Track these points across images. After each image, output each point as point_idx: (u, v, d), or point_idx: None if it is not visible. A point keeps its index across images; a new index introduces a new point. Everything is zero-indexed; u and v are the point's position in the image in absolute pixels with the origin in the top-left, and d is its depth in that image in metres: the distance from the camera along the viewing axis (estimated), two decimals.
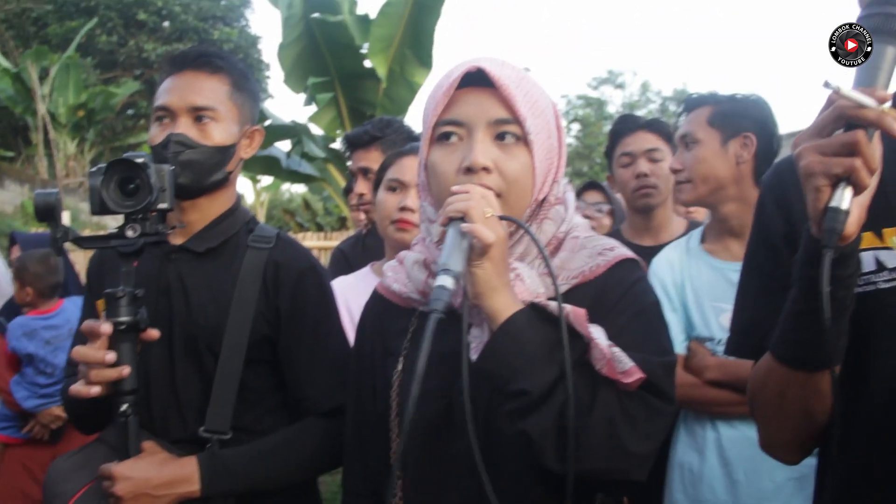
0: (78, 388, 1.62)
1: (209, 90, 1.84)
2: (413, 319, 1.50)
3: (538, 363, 1.25)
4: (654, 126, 2.98)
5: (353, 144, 3.01)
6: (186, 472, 1.70)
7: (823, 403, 1.19)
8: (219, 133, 1.83)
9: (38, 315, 4.21)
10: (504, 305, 1.27)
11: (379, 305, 1.58)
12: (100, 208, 1.62)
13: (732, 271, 2.28)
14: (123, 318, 1.62)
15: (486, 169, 1.33)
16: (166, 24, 21.55)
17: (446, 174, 1.37)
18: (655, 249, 2.85)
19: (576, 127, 30.37)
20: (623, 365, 1.26)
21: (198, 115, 1.82)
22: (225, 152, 1.85)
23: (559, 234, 1.44)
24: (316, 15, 9.77)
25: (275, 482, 1.80)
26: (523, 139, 1.36)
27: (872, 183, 1.02)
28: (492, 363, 1.27)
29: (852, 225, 1.02)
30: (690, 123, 2.42)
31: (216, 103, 1.83)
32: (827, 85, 1.01)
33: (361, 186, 2.97)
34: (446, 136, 1.38)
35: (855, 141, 0.99)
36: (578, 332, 1.28)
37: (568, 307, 1.28)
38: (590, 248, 1.45)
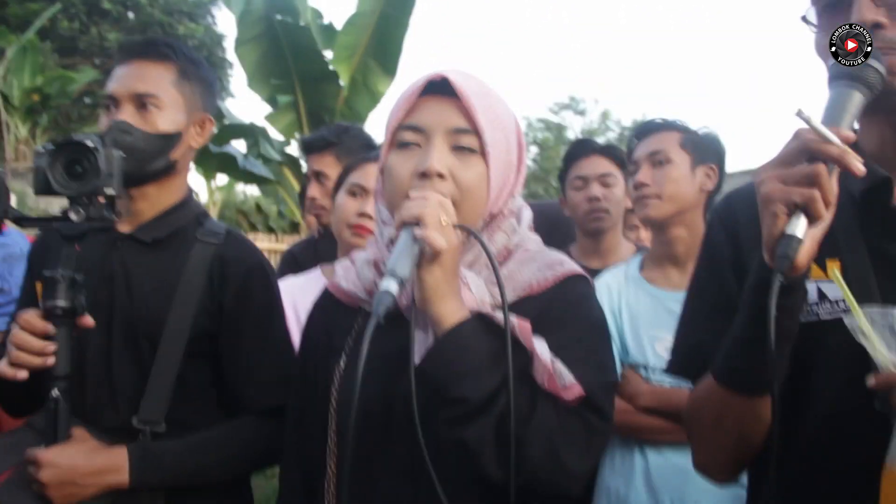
0: (3, 368, 1.59)
1: (153, 77, 1.83)
2: (359, 318, 1.50)
3: (480, 372, 1.25)
4: (609, 151, 3.01)
5: (309, 148, 3.01)
6: (116, 461, 1.68)
7: (760, 427, 1.22)
8: (162, 120, 1.82)
9: None
10: (450, 312, 1.28)
11: (327, 303, 1.58)
12: (44, 188, 1.59)
13: (671, 300, 2.33)
14: (61, 303, 1.60)
15: (440, 175, 1.34)
16: (131, 14, 21.25)
17: (401, 178, 1.38)
18: (603, 272, 2.90)
19: (534, 150, 30.64)
20: (564, 380, 1.28)
21: (141, 101, 1.81)
22: (168, 140, 1.83)
23: (510, 245, 1.45)
24: (279, 17, 9.71)
25: (206, 477, 1.78)
26: (480, 151, 1.37)
27: (826, 218, 1.06)
28: (434, 368, 1.28)
29: (804, 256, 1.05)
30: (662, 142, 2.44)
31: (159, 91, 1.82)
32: (800, 114, 1.05)
33: (314, 190, 2.96)
34: (405, 141, 1.39)
35: (817, 173, 1.02)
36: (522, 344, 1.29)
37: (514, 319, 1.29)
38: (539, 261, 1.46)
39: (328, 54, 10.53)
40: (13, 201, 1.79)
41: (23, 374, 1.58)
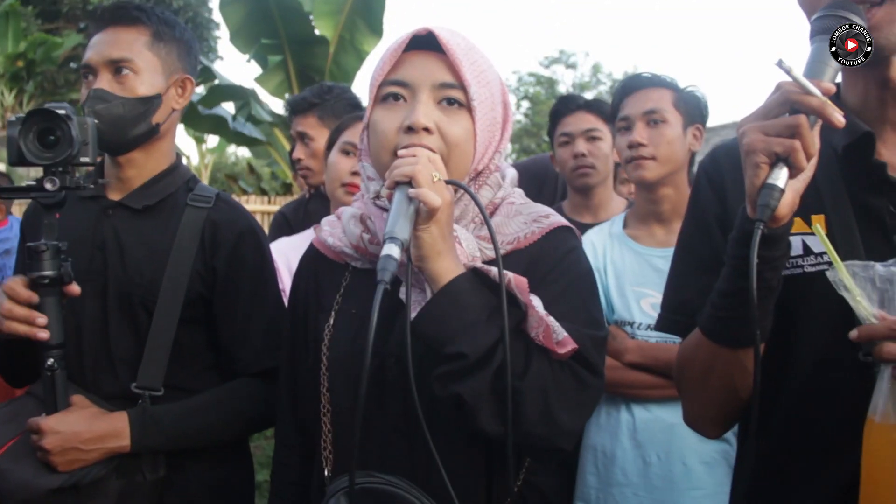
0: None
1: (125, 42, 1.82)
2: (346, 274, 1.51)
3: (477, 327, 1.25)
4: (594, 106, 3.00)
5: (293, 110, 3.01)
6: (117, 426, 1.70)
7: (748, 380, 1.22)
8: (139, 84, 1.81)
9: None
10: (447, 269, 1.28)
11: (314, 259, 1.59)
12: (17, 159, 1.58)
13: (655, 256, 2.35)
14: (47, 273, 1.61)
15: (427, 129, 1.34)
16: None
17: (386, 133, 1.37)
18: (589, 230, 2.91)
19: (525, 104, 30.46)
20: (558, 335, 1.28)
21: (116, 67, 1.80)
22: (147, 103, 1.82)
23: (495, 199, 1.46)
24: None
25: (206, 439, 1.81)
26: (466, 106, 1.37)
27: (808, 170, 1.08)
28: (430, 325, 1.27)
29: (785, 206, 1.07)
30: (658, 101, 2.42)
31: (132, 54, 1.81)
32: (780, 64, 1.06)
33: (299, 151, 2.97)
34: (391, 96, 1.39)
35: (797, 124, 1.04)
36: (517, 299, 1.30)
37: (510, 274, 1.29)
38: (525, 214, 1.46)
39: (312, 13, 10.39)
40: (2, 168, 1.79)
41: None
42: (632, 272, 2.40)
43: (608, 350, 2.30)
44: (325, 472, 1.45)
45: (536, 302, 1.30)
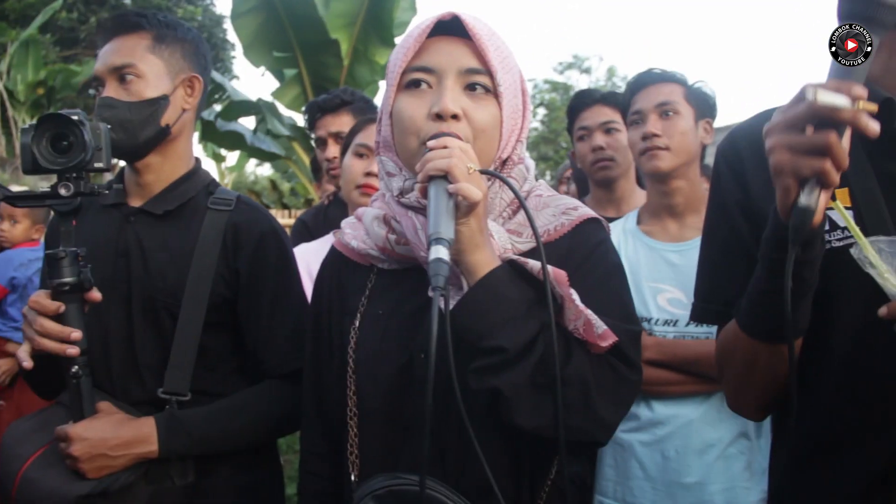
0: (24, 362, 1.61)
1: (127, 48, 1.82)
2: (371, 276, 1.49)
3: (516, 320, 1.22)
4: (610, 99, 3.00)
5: (323, 109, 3.00)
6: (144, 432, 1.69)
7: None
8: (144, 87, 1.81)
9: (28, 247, 4.35)
10: (484, 261, 1.25)
11: (336, 262, 1.56)
12: (31, 166, 1.57)
13: (670, 251, 2.34)
14: (67, 279, 1.60)
15: (455, 116, 1.31)
16: (128, 1, 21.19)
17: (413, 120, 1.34)
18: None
19: (542, 111, 30.42)
20: (598, 327, 1.25)
21: (120, 74, 1.80)
22: (154, 105, 1.81)
23: (522, 192, 1.42)
24: None
25: (233, 443, 1.80)
26: (493, 91, 1.35)
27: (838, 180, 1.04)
28: (468, 318, 1.24)
29: (818, 214, 1.04)
30: (670, 94, 2.42)
31: (134, 59, 1.81)
32: (804, 92, 1.01)
33: (333, 150, 2.97)
34: (416, 82, 1.35)
35: (828, 143, 1.00)
36: (555, 291, 1.26)
37: (549, 266, 1.25)
38: (553, 206, 1.43)
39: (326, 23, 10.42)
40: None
41: (28, 365, 1.60)
42: (647, 268, 2.38)
43: None
44: (352, 477, 1.43)
45: (574, 295, 1.27)
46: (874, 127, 1.01)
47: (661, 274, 2.34)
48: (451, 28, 1.35)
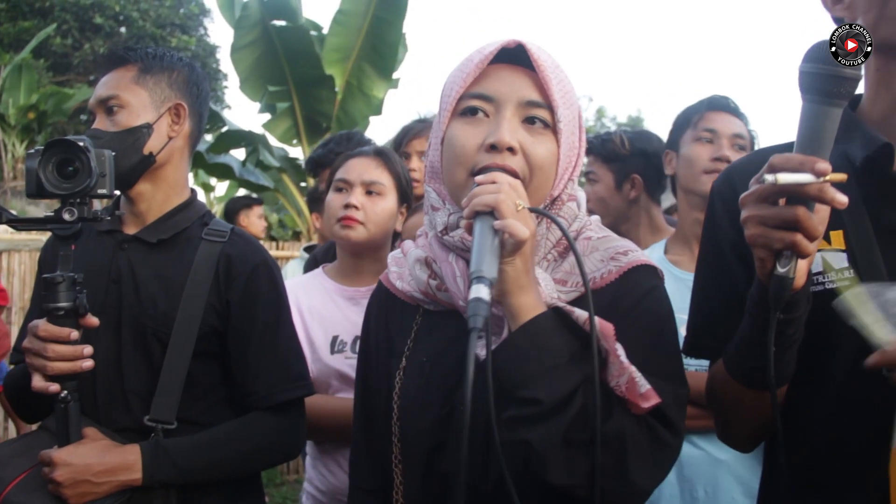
0: (40, 384, 1.61)
1: (113, 81, 1.87)
2: (417, 318, 1.43)
3: (556, 372, 1.16)
4: (592, 149, 2.96)
5: (320, 164, 3.07)
6: (128, 459, 1.69)
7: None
8: (127, 117, 1.84)
9: None
10: (529, 305, 1.18)
11: (383, 299, 1.51)
12: (36, 191, 1.59)
13: None
14: (62, 304, 1.61)
15: (511, 149, 1.25)
16: (123, 29, 21.25)
17: (466, 149, 1.28)
18: None
19: None
20: (642, 386, 1.18)
21: (106, 107, 1.85)
22: (135, 133, 1.83)
23: (571, 231, 1.35)
24: (275, 22, 9.71)
25: (218, 474, 1.80)
26: (552, 127, 1.29)
27: (815, 249, 1.07)
28: (506, 363, 1.17)
29: (800, 278, 1.08)
30: (741, 129, 2.47)
31: (118, 90, 1.85)
32: (763, 179, 1.04)
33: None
34: (472, 110, 1.30)
35: (795, 217, 1.03)
36: (601, 346, 1.19)
37: (596, 318, 1.18)
38: (602, 250, 1.35)
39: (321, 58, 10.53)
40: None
41: (55, 388, 1.61)
42: (673, 298, 2.36)
43: None
44: None
45: (620, 350, 1.20)
46: (841, 199, 1.03)
47: (687, 304, 2.32)
48: (514, 56, 1.30)
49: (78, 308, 1.63)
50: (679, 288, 2.36)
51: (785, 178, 1.02)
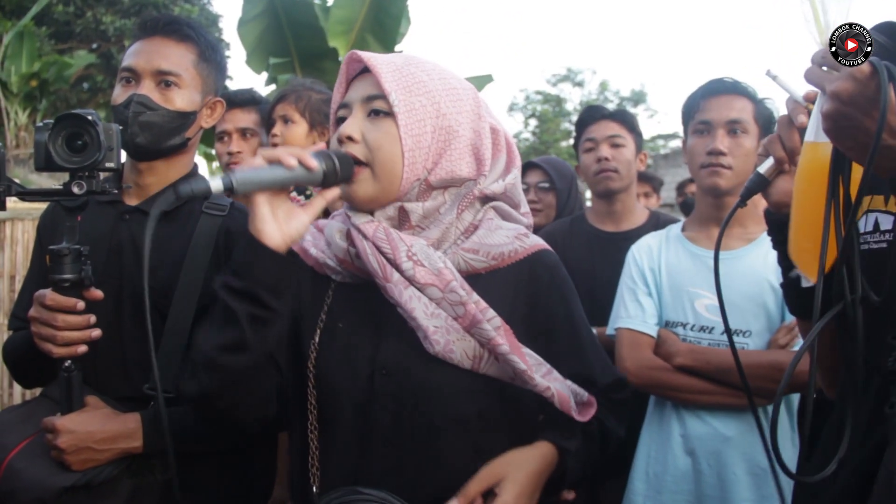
0: (56, 350, 1.65)
1: (176, 56, 1.86)
2: (329, 291, 1.54)
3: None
4: (618, 116, 3.08)
5: (233, 102, 3.00)
6: (129, 427, 1.72)
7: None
8: (181, 99, 1.86)
9: None
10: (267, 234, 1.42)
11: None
12: (45, 164, 1.60)
13: (712, 259, 2.36)
14: (68, 276, 1.64)
15: (350, 138, 1.45)
16: None
17: (332, 145, 1.51)
18: (616, 236, 2.94)
19: (533, 122, 30.50)
20: (581, 396, 1.51)
21: (162, 79, 1.84)
22: (185, 118, 1.87)
23: (475, 221, 1.52)
24: None
25: (216, 442, 1.82)
26: (392, 113, 1.44)
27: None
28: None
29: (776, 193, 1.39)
30: (741, 111, 2.37)
31: (181, 70, 1.86)
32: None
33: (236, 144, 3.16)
34: (340, 119, 1.52)
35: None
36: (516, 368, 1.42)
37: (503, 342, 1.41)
38: (506, 229, 1.53)
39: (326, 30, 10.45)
40: None
41: (83, 349, 1.66)
42: (687, 273, 2.38)
43: (659, 353, 2.31)
44: (313, 489, 1.46)
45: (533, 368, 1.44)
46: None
47: (702, 280, 2.33)
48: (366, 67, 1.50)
49: (84, 280, 1.65)
50: (694, 263, 2.40)
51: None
